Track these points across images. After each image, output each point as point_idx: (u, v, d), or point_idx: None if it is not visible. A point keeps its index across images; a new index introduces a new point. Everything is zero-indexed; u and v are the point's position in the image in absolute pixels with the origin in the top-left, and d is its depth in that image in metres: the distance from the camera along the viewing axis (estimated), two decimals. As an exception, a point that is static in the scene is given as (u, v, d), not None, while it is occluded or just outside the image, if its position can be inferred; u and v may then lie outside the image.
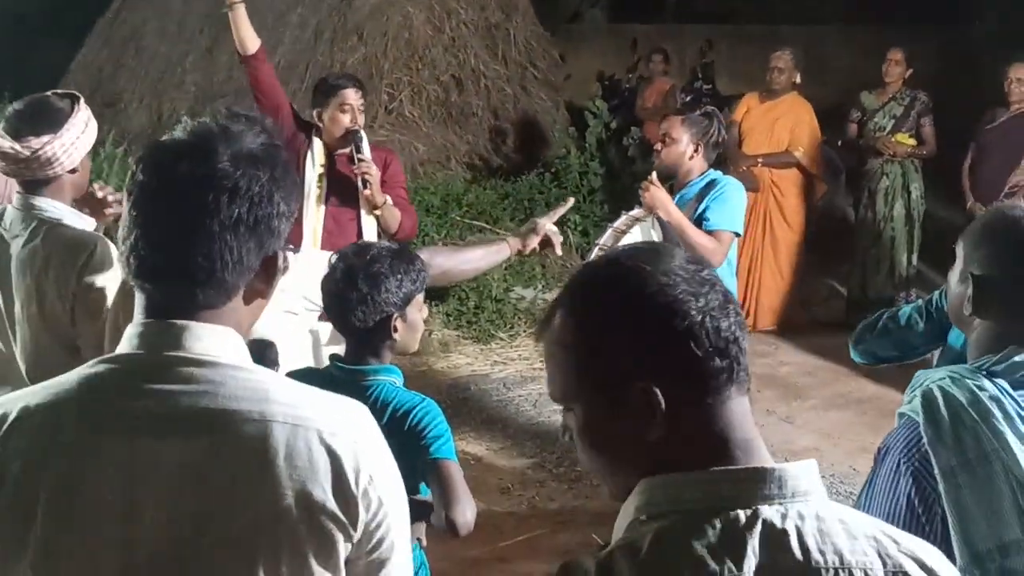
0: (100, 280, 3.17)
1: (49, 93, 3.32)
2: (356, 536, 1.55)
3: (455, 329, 8.36)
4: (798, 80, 8.34)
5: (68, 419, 1.52)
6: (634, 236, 4.58)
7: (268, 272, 1.62)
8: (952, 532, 1.75)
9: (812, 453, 6.19)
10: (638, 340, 1.36)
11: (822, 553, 1.27)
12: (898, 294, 8.39)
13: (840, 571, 1.27)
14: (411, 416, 2.85)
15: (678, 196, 4.73)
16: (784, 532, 1.29)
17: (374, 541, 1.57)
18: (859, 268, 8.74)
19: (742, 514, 1.30)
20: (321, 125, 5.11)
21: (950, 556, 1.70)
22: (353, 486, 1.53)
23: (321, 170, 5.08)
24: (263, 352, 3.16)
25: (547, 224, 4.01)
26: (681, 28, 15.06)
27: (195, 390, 1.52)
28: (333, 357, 2.93)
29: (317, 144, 5.12)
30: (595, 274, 1.50)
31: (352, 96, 5.01)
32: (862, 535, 1.31)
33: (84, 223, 3.34)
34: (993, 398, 1.84)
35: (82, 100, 3.32)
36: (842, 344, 8.10)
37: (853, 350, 3.21)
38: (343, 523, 1.52)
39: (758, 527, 1.29)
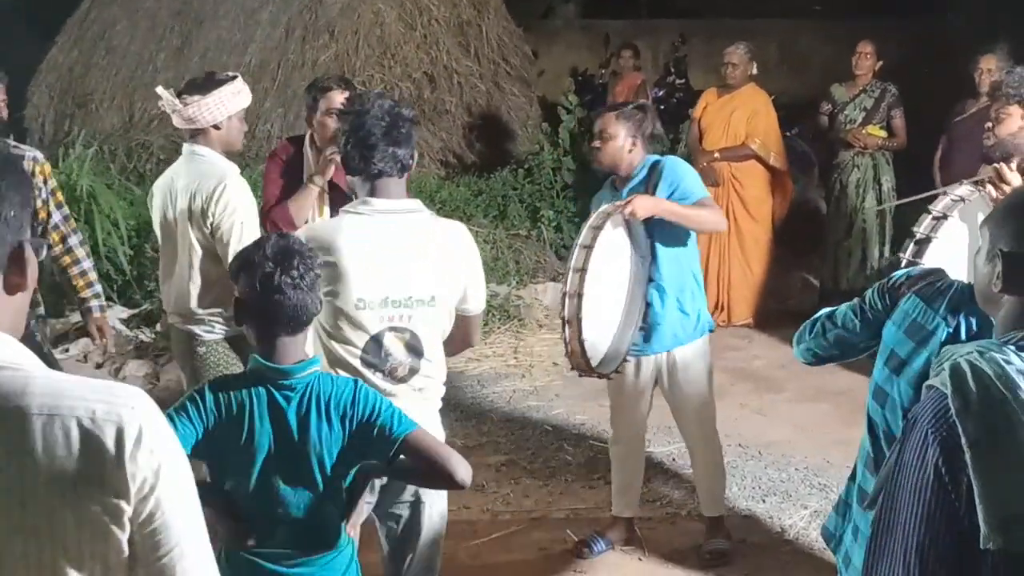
0: (232, 202, 4.36)
1: (214, 72, 4.86)
2: (127, 515, 1.59)
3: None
4: (754, 72, 8.36)
5: None
6: None
7: (18, 264, 1.67)
8: (978, 500, 1.78)
9: (786, 446, 6.21)
10: None
11: None
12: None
13: None
14: (356, 406, 2.85)
15: (626, 189, 4.72)
16: None
17: (146, 516, 1.61)
18: (831, 260, 8.78)
19: None
20: (314, 127, 5.10)
21: (976, 524, 1.75)
22: (118, 466, 1.58)
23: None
24: None
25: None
26: (655, 23, 15.09)
27: None
28: (254, 359, 2.88)
29: (308, 152, 5.10)
30: None
31: (337, 99, 4.98)
32: None
33: (225, 164, 4.51)
34: (1021, 371, 1.87)
35: (239, 78, 4.63)
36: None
37: (796, 349, 3.23)
38: (112, 505, 1.58)
39: None
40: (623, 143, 4.71)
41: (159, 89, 4.57)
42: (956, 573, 1.83)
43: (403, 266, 3.31)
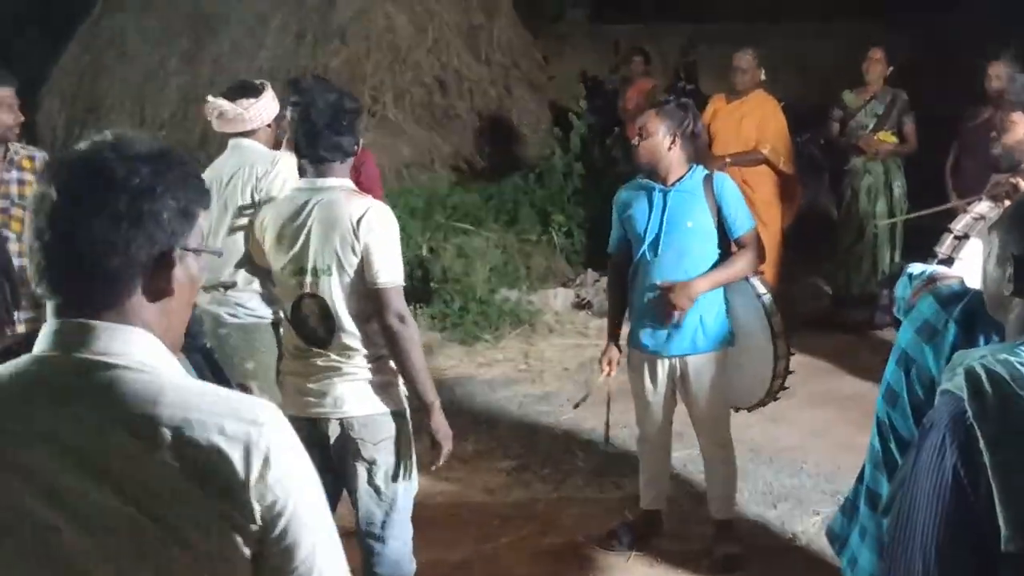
0: (283, 174, 4.58)
1: (245, 79, 5.31)
2: (255, 528, 1.56)
3: (440, 331, 8.36)
4: (763, 77, 8.35)
5: None
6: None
7: (164, 269, 1.64)
8: (997, 502, 1.79)
9: (797, 451, 6.21)
10: None
11: None
12: (882, 291, 8.43)
13: None
14: None
15: (675, 189, 4.72)
16: None
17: (278, 531, 1.58)
18: (843, 266, 8.78)
19: None
20: None
21: (995, 526, 1.76)
22: (244, 486, 1.55)
23: None
24: None
25: None
26: (664, 28, 15.09)
27: (94, 394, 1.57)
28: None
29: None
30: None
31: None
32: None
33: (275, 151, 4.78)
34: None
35: (268, 84, 4.97)
36: (827, 342, 8.18)
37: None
38: (238, 523, 1.54)
39: None
40: (662, 139, 4.71)
41: (211, 97, 4.89)
42: None
43: (316, 238, 3.68)
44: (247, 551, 1.56)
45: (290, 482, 1.59)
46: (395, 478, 3.79)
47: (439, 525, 5.22)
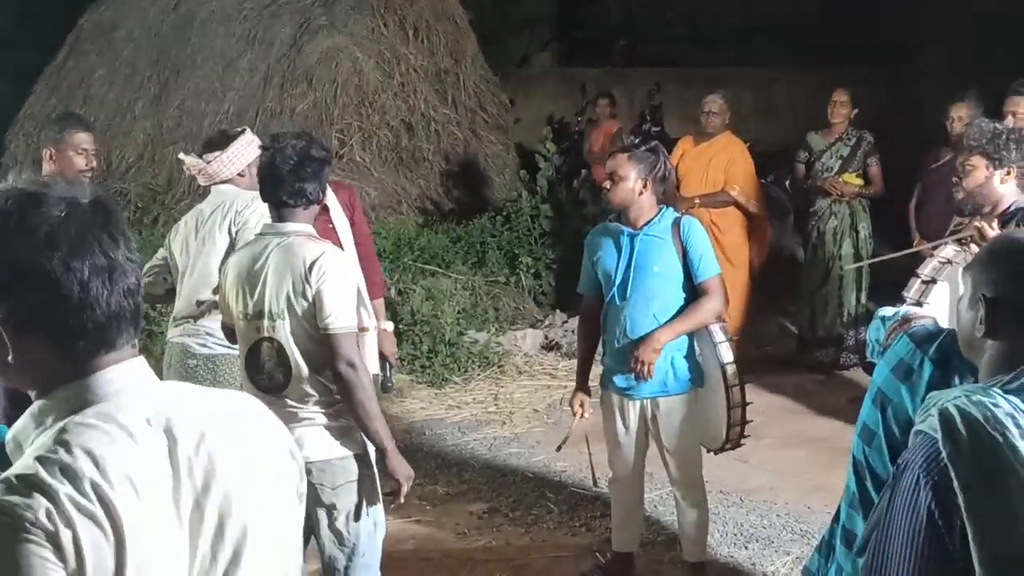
0: (260, 210, 4.37)
1: (225, 128, 5.46)
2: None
3: (408, 374, 8.34)
4: (728, 120, 8.42)
5: None
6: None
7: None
8: (972, 542, 1.81)
9: (767, 492, 6.22)
10: None
11: None
12: (848, 332, 8.49)
13: None
14: None
15: (643, 232, 4.74)
16: None
17: None
18: (808, 307, 8.82)
19: None
20: None
21: (970, 566, 1.78)
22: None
23: None
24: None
25: None
26: (630, 71, 15.21)
27: None
28: None
29: None
30: None
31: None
32: None
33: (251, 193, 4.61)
34: (1008, 415, 1.90)
35: (248, 131, 4.97)
36: (794, 382, 8.22)
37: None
38: None
39: None
40: (634, 184, 4.73)
41: (181, 155, 5.04)
42: None
43: (271, 282, 3.73)
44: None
45: None
46: (358, 520, 3.78)
47: (409, 569, 5.20)
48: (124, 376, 1.65)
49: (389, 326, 5.57)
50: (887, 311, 3.06)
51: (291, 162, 3.76)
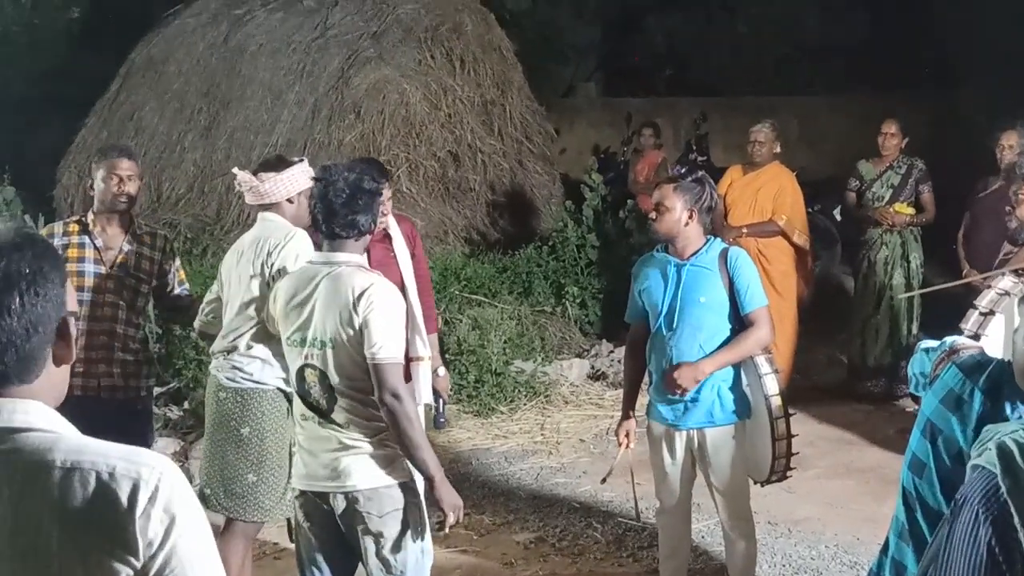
0: (294, 251, 4.56)
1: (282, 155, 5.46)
2: (139, 564, 1.65)
3: (455, 403, 8.35)
4: (778, 150, 8.39)
5: None
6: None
7: (64, 338, 1.80)
8: None
9: (815, 523, 6.16)
10: None
11: None
12: (900, 362, 8.41)
13: None
14: None
15: (690, 263, 4.74)
16: None
17: (159, 565, 1.67)
18: (859, 337, 8.75)
19: None
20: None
21: None
22: (128, 520, 1.65)
23: None
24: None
25: None
26: (675, 101, 15.24)
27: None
28: None
29: None
30: None
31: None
32: None
33: (294, 227, 4.75)
34: None
35: (305, 161, 4.94)
36: (843, 412, 8.15)
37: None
38: (121, 557, 1.65)
39: None
40: (680, 215, 4.71)
41: (235, 170, 4.99)
42: None
43: (319, 311, 3.79)
44: None
45: (176, 521, 1.68)
46: (405, 549, 3.80)
47: (457, 599, 5.19)
48: None
49: (442, 371, 5.61)
50: (930, 343, 3.05)
51: (344, 195, 3.82)
